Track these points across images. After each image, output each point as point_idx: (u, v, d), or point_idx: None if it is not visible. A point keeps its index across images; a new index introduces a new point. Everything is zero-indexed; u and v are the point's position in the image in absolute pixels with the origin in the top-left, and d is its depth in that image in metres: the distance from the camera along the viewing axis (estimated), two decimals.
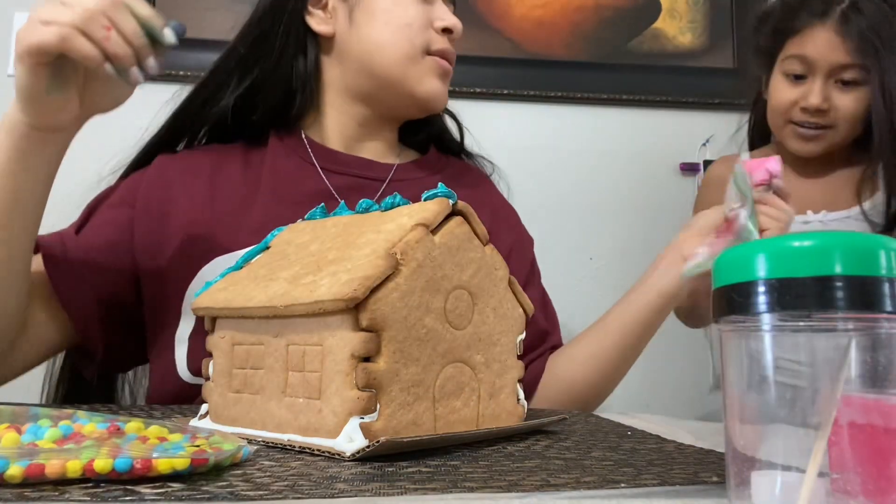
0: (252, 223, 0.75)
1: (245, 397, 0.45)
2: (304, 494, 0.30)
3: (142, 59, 0.57)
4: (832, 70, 0.97)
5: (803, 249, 0.25)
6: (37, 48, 0.54)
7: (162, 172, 0.78)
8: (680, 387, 1.45)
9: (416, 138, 0.93)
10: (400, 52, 0.80)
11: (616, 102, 1.47)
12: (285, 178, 0.80)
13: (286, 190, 0.79)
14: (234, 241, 0.73)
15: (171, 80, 1.35)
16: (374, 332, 0.39)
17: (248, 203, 0.78)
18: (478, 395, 0.45)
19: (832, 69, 0.97)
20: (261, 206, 0.77)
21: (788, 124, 1.03)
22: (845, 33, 0.95)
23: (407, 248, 0.41)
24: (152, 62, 0.58)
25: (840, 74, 0.97)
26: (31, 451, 0.31)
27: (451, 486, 0.31)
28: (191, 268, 0.72)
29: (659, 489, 0.32)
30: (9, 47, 1.39)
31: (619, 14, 1.47)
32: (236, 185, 0.79)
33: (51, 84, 0.56)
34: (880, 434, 0.24)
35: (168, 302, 0.73)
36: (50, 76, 0.56)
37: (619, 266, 1.44)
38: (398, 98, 0.82)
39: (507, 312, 0.48)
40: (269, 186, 0.79)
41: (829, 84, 0.98)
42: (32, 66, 0.55)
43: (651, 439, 0.47)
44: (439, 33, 0.82)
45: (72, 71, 0.59)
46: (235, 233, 0.74)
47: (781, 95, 1.02)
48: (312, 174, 0.81)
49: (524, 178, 1.42)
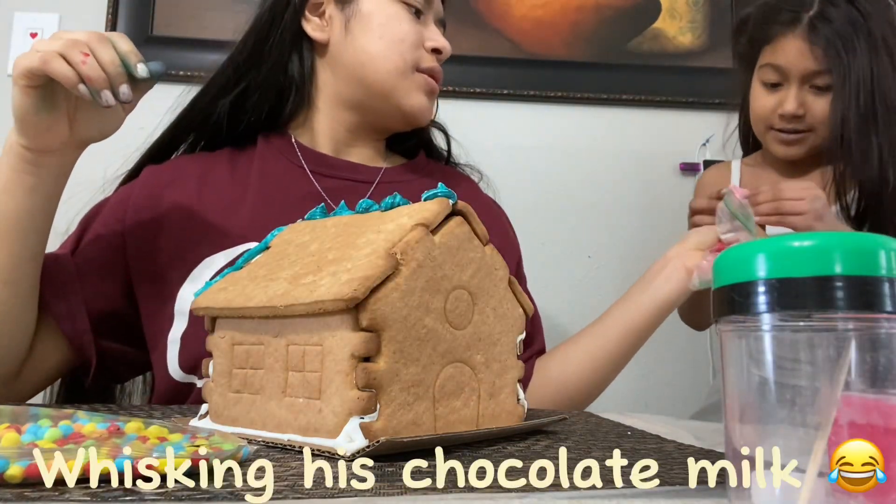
0: (241, 225, 0.76)
1: (245, 397, 0.45)
2: (304, 494, 0.30)
3: (115, 86, 0.62)
4: (805, 77, 1.01)
5: (803, 249, 0.25)
6: (25, 70, 0.60)
7: (150, 183, 0.80)
8: (680, 387, 1.45)
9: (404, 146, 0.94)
10: (391, 65, 0.82)
11: (616, 102, 1.47)
12: (274, 181, 0.82)
13: (275, 192, 0.80)
14: (223, 242, 0.75)
15: (172, 81, 1.35)
16: (374, 332, 0.39)
17: (237, 205, 0.79)
18: (478, 395, 0.45)
19: (804, 76, 1.01)
20: (249, 208, 0.78)
21: (770, 130, 1.07)
22: (813, 41, 0.98)
23: (407, 248, 0.41)
24: (125, 89, 0.62)
25: (813, 80, 1.01)
26: (31, 451, 0.31)
27: (451, 486, 0.31)
28: (182, 271, 0.74)
29: (659, 489, 0.32)
30: (9, 47, 1.39)
31: (619, 14, 1.47)
32: (225, 189, 0.80)
33: (39, 105, 0.62)
34: (880, 434, 0.24)
35: (161, 306, 0.74)
36: (39, 97, 0.62)
37: (620, 266, 1.44)
38: (385, 109, 0.84)
39: (507, 312, 0.48)
40: (257, 189, 0.80)
41: (803, 90, 1.02)
42: (23, 88, 0.61)
43: (651, 439, 0.47)
44: (429, 53, 0.85)
45: (62, 97, 0.64)
46: (224, 234, 0.76)
47: (760, 104, 1.07)
48: (301, 176, 0.83)
49: (524, 177, 1.43)
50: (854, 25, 0.97)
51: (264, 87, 0.84)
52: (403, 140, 0.93)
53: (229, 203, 0.79)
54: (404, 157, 0.94)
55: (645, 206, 1.44)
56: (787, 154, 1.07)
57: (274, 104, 0.85)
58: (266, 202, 0.79)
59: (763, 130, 1.09)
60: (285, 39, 0.84)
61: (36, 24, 1.40)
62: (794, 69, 1.01)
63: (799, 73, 1.01)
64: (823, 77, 1.00)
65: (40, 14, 1.40)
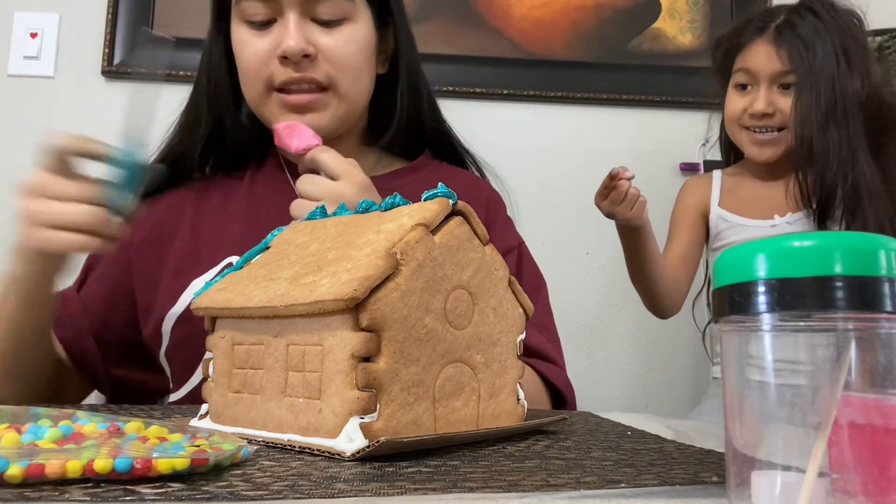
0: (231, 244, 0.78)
1: (245, 397, 0.45)
2: (304, 494, 0.30)
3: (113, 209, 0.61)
4: (773, 77, 1.11)
5: (803, 249, 0.25)
6: (39, 252, 0.62)
7: (149, 219, 0.80)
8: (680, 386, 1.45)
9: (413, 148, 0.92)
10: (249, 98, 0.80)
11: (616, 102, 1.47)
12: (262, 200, 0.83)
13: (263, 210, 0.81)
14: (212, 262, 0.77)
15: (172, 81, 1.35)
16: (374, 332, 0.39)
17: (227, 226, 0.81)
18: (478, 395, 0.45)
19: (772, 76, 1.11)
20: (238, 227, 0.80)
21: (743, 131, 1.15)
22: (779, 44, 1.09)
23: (407, 248, 0.41)
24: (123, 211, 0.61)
25: (780, 80, 1.11)
26: (31, 451, 0.31)
27: (451, 486, 0.31)
28: (175, 292, 0.76)
29: (659, 489, 0.32)
30: (9, 47, 1.39)
31: (619, 14, 1.47)
32: (217, 212, 0.82)
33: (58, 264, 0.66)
34: (880, 434, 0.24)
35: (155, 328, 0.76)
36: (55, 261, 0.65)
37: (620, 266, 1.43)
38: None
39: (507, 312, 0.48)
40: (246, 209, 0.82)
41: (772, 90, 1.11)
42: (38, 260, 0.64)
43: (651, 439, 0.47)
44: (280, 62, 0.75)
45: None
46: (214, 255, 0.77)
47: (732, 105, 1.16)
48: (288, 192, 0.82)
49: (524, 178, 1.42)
50: (816, 32, 1.07)
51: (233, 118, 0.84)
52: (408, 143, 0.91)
53: (220, 231, 0.81)
54: (407, 157, 0.92)
55: None
56: (762, 155, 1.14)
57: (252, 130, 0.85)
58: (253, 223, 0.80)
59: (737, 132, 1.16)
60: None
61: (36, 24, 1.40)
62: (762, 71, 1.11)
63: (767, 74, 1.11)
64: (789, 76, 1.09)
65: (40, 14, 1.40)
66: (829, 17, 1.08)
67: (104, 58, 1.38)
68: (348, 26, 0.78)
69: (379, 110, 0.87)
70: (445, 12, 1.43)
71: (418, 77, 0.88)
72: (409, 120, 0.88)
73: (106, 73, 1.39)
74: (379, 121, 0.88)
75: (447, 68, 1.42)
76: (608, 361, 1.45)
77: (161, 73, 0.63)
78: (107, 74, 1.39)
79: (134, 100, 0.61)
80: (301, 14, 0.75)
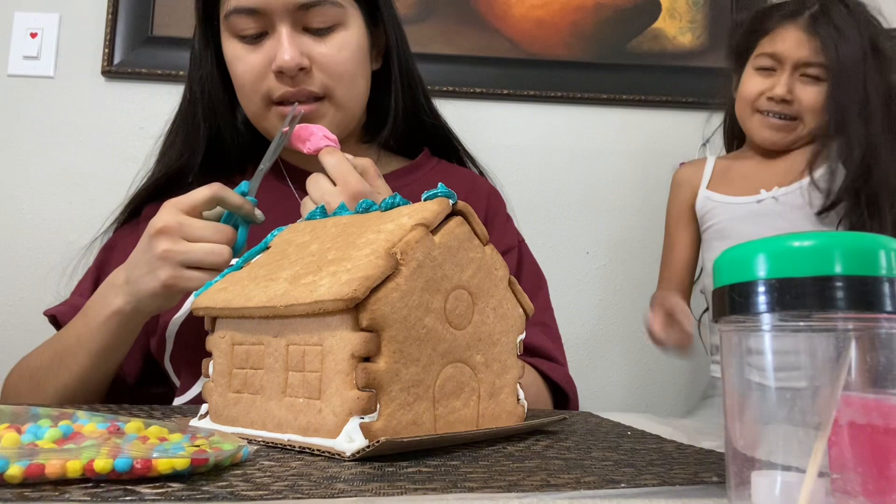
0: None
1: (245, 397, 0.45)
2: (304, 494, 0.30)
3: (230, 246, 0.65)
4: (798, 65, 1.08)
5: (803, 249, 0.25)
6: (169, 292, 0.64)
7: None
8: (680, 386, 1.45)
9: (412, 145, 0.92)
10: (250, 113, 0.81)
11: (616, 102, 1.47)
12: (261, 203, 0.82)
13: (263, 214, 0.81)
14: None
15: (172, 81, 1.35)
16: (374, 332, 0.39)
17: None
18: (478, 395, 0.45)
19: (798, 64, 1.08)
20: None
21: (756, 114, 1.13)
22: (812, 32, 1.06)
23: (407, 248, 0.41)
24: None
25: (805, 69, 1.08)
26: (31, 451, 0.31)
27: (451, 486, 0.31)
28: None
29: (659, 489, 0.32)
30: (9, 47, 1.39)
31: (619, 14, 1.47)
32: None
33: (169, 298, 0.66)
34: (880, 434, 0.24)
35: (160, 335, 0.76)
36: None
37: (620, 266, 1.44)
38: None
39: (507, 312, 0.48)
40: None
41: (794, 77, 1.09)
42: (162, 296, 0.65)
43: (651, 439, 0.47)
44: (277, 77, 0.76)
45: None
46: None
47: (750, 86, 1.13)
48: (288, 196, 0.83)
49: (523, 177, 1.43)
50: (849, 26, 1.05)
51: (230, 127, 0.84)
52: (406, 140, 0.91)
53: None
54: (405, 154, 0.92)
55: (645, 206, 1.44)
56: (773, 140, 1.12)
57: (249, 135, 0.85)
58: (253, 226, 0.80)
59: (749, 115, 1.14)
60: None
61: (36, 24, 1.40)
62: (789, 56, 1.08)
63: (793, 60, 1.08)
64: (815, 68, 1.07)
65: (40, 14, 1.40)
66: (860, 11, 1.08)
67: (104, 58, 1.38)
68: (340, 32, 0.78)
69: (375, 106, 0.87)
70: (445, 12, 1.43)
71: (411, 70, 0.88)
72: (405, 114, 0.88)
73: (106, 73, 1.39)
74: (376, 117, 0.88)
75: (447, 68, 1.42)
76: (608, 361, 1.44)
77: None
78: (107, 74, 1.39)
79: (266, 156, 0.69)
80: (292, 25, 0.75)
